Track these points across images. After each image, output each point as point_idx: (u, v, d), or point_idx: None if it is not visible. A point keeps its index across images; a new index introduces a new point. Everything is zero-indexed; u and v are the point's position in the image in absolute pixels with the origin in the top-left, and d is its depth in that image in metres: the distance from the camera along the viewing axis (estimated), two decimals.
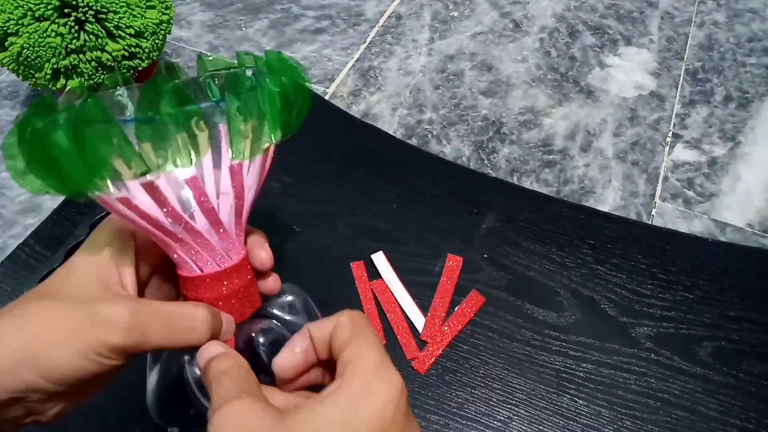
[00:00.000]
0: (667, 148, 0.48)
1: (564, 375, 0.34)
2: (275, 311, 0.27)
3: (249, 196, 0.25)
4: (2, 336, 0.20)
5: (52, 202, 0.42)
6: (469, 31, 0.58)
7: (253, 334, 0.25)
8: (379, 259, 0.38)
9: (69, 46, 0.39)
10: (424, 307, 0.37)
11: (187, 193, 0.23)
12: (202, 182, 0.23)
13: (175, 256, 0.24)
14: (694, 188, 0.45)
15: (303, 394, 0.23)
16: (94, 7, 0.39)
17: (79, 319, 0.20)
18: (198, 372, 0.23)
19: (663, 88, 0.53)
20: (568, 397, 0.34)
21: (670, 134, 0.49)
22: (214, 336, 0.23)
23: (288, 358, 0.22)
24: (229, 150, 0.24)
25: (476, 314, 0.37)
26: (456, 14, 0.59)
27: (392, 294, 0.37)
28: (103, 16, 0.39)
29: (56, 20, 0.38)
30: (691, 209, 0.44)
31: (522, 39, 0.57)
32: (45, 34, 0.38)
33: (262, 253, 0.26)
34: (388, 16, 0.59)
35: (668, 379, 0.34)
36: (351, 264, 0.38)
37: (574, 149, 0.48)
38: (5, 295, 0.37)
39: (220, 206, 0.24)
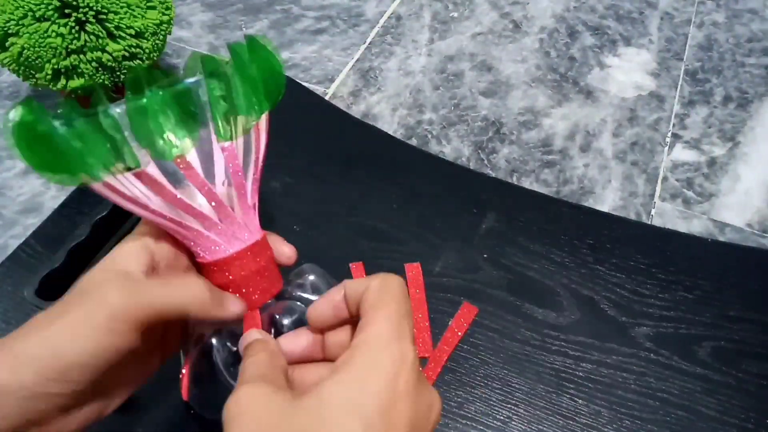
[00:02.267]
0: (666, 149, 0.48)
1: (563, 375, 0.35)
2: (298, 292, 0.27)
3: (249, 174, 0.25)
4: (30, 348, 0.20)
5: (52, 202, 0.42)
6: (469, 32, 0.58)
7: (277, 315, 0.26)
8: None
9: (69, 46, 0.39)
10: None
11: (184, 176, 0.24)
12: (198, 167, 0.24)
13: (192, 244, 0.24)
14: (693, 188, 0.45)
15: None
16: (95, 8, 0.39)
17: (93, 307, 0.21)
18: (225, 355, 0.24)
19: (662, 89, 0.53)
20: (568, 396, 0.34)
21: (669, 134, 0.49)
22: (215, 311, 0.23)
23: (318, 308, 0.23)
24: (215, 132, 0.25)
25: (471, 322, 0.36)
26: (456, 15, 0.60)
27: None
28: (104, 17, 0.39)
29: (57, 21, 0.38)
30: (690, 209, 0.44)
31: (522, 39, 0.57)
32: (45, 35, 0.38)
33: (285, 248, 0.26)
34: (388, 17, 0.59)
35: (667, 378, 0.34)
36: (350, 265, 0.38)
37: (573, 149, 0.48)
38: (6, 295, 0.37)
39: (222, 189, 0.25)
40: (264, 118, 0.26)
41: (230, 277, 0.24)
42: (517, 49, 0.56)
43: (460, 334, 0.36)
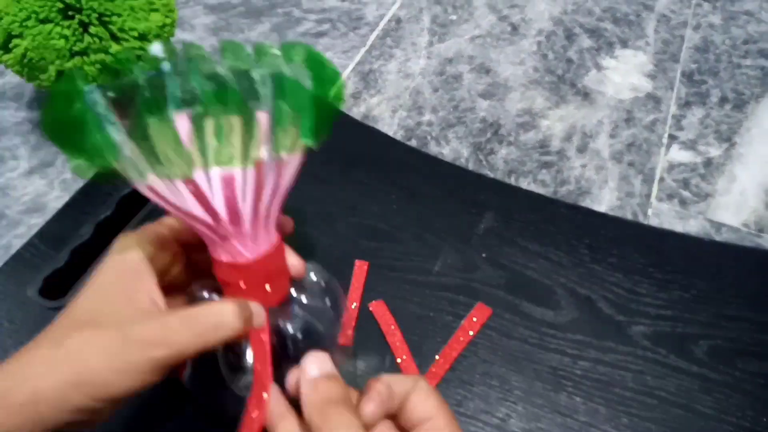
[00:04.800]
0: (663, 149, 0.49)
1: (561, 373, 0.35)
2: (296, 293, 0.27)
3: (285, 186, 0.25)
4: (52, 365, 0.21)
5: (56, 202, 0.43)
6: (468, 35, 0.58)
7: (280, 323, 0.26)
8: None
9: (73, 48, 0.39)
10: (420, 315, 0.37)
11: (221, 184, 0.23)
12: (241, 177, 0.23)
13: (211, 242, 0.24)
14: (689, 189, 0.46)
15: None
16: (98, 10, 0.39)
17: (120, 342, 0.21)
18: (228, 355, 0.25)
19: (659, 90, 0.53)
20: (566, 394, 0.34)
21: (665, 135, 0.50)
22: (246, 324, 0.23)
23: (371, 410, 0.22)
24: (269, 145, 0.23)
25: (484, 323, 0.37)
26: (455, 18, 0.60)
27: (393, 316, 0.36)
28: (107, 19, 0.40)
29: (60, 22, 0.39)
30: (686, 209, 0.45)
31: (519, 42, 0.57)
32: (49, 37, 0.39)
33: (294, 260, 0.27)
34: (388, 20, 0.60)
35: (664, 377, 0.35)
36: (356, 261, 0.39)
37: (570, 150, 0.48)
38: (10, 294, 0.37)
39: (261, 198, 0.24)
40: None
41: (242, 283, 0.24)
42: (515, 52, 0.56)
43: (471, 333, 0.36)
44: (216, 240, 0.24)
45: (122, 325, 0.22)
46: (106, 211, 0.40)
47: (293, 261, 0.27)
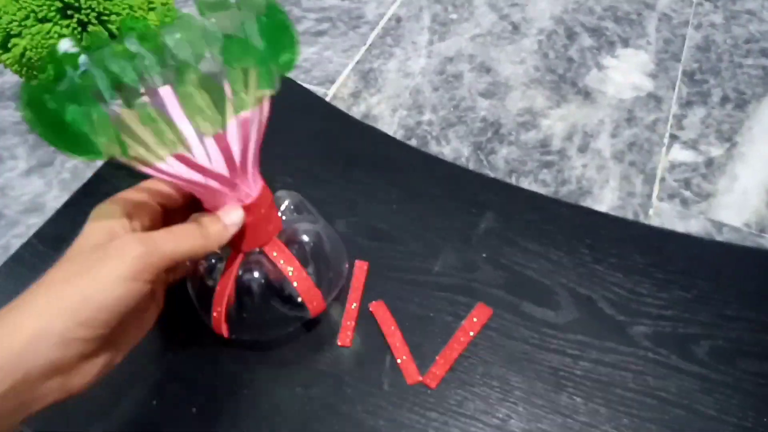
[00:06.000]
0: (664, 149, 0.48)
1: (562, 373, 0.35)
2: (284, 217, 0.33)
3: (263, 129, 0.28)
4: (29, 316, 0.22)
5: (55, 202, 0.43)
6: (468, 33, 0.58)
7: (295, 236, 0.32)
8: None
9: None
10: (420, 315, 0.37)
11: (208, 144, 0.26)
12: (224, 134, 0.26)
13: (207, 199, 0.27)
14: (691, 188, 0.46)
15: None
16: (97, 9, 0.39)
17: (98, 257, 0.23)
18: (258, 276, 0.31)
19: (660, 90, 0.53)
20: (566, 395, 0.34)
21: (667, 135, 0.49)
22: (221, 231, 0.27)
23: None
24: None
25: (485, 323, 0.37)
26: (455, 17, 0.60)
27: (393, 317, 0.36)
28: (106, 18, 0.40)
29: (59, 22, 0.38)
30: (688, 209, 0.44)
31: (520, 41, 0.57)
32: (48, 36, 0.38)
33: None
34: (388, 19, 0.59)
35: (665, 377, 0.35)
36: (356, 261, 0.39)
37: (571, 150, 0.48)
38: (9, 294, 0.37)
39: (240, 153, 0.26)
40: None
41: (255, 219, 0.29)
42: (516, 51, 0.56)
43: (472, 334, 0.36)
44: (224, 191, 0.27)
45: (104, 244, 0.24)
46: None
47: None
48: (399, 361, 0.35)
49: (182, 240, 0.25)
